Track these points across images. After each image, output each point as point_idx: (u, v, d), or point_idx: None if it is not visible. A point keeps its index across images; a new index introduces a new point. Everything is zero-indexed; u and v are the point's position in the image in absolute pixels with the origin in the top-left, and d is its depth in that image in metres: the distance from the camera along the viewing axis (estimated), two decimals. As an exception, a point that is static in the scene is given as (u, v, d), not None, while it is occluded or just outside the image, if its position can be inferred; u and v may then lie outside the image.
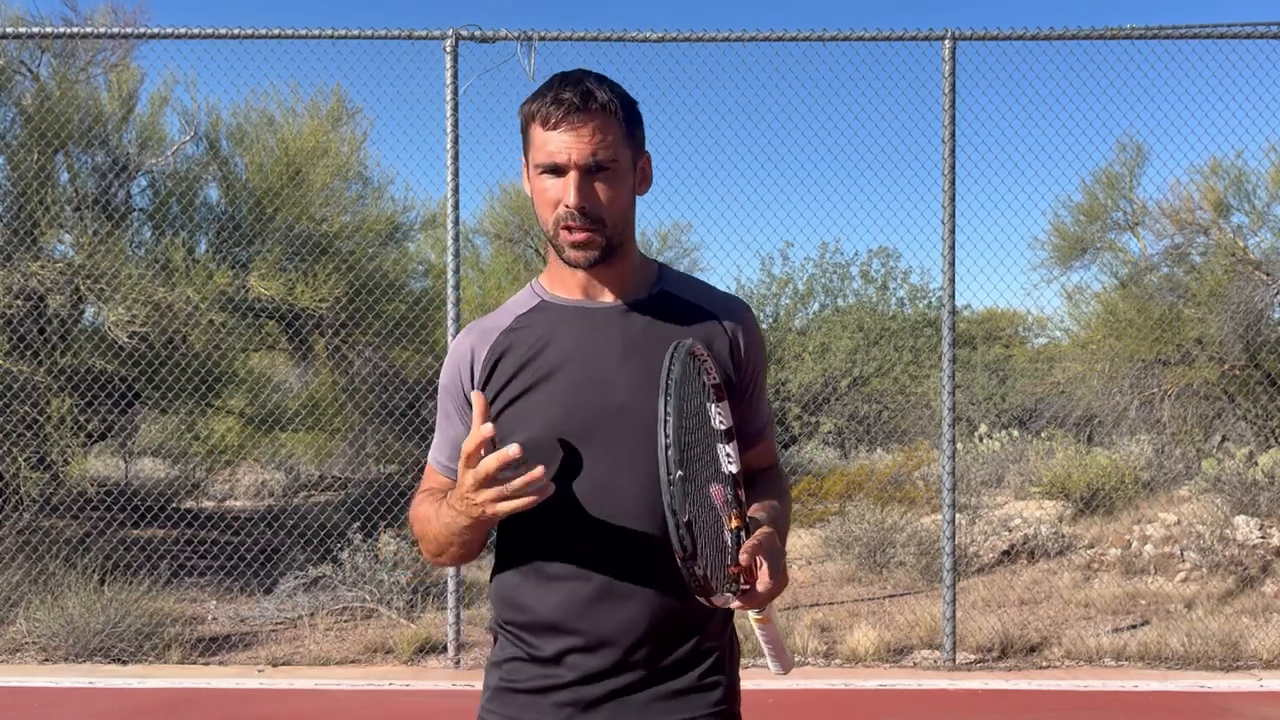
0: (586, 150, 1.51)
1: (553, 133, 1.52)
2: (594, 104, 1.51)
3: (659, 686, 1.57)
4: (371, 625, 6.23)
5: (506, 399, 1.59)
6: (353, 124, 8.24)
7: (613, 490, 1.54)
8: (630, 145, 1.57)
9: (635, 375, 1.57)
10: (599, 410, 1.56)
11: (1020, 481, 10.94)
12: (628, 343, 1.59)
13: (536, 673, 1.59)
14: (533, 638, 1.59)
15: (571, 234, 1.54)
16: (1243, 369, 9.42)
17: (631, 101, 1.59)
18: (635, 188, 1.61)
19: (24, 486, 6.93)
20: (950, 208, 5.53)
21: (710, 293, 1.70)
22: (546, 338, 1.60)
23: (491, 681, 1.65)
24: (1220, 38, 5.70)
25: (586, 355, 1.58)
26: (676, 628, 1.57)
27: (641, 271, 1.67)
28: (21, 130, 7.37)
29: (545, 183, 1.55)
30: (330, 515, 7.98)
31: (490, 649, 1.69)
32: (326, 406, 8.17)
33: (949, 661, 5.45)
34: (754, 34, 5.65)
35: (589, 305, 1.62)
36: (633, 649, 1.55)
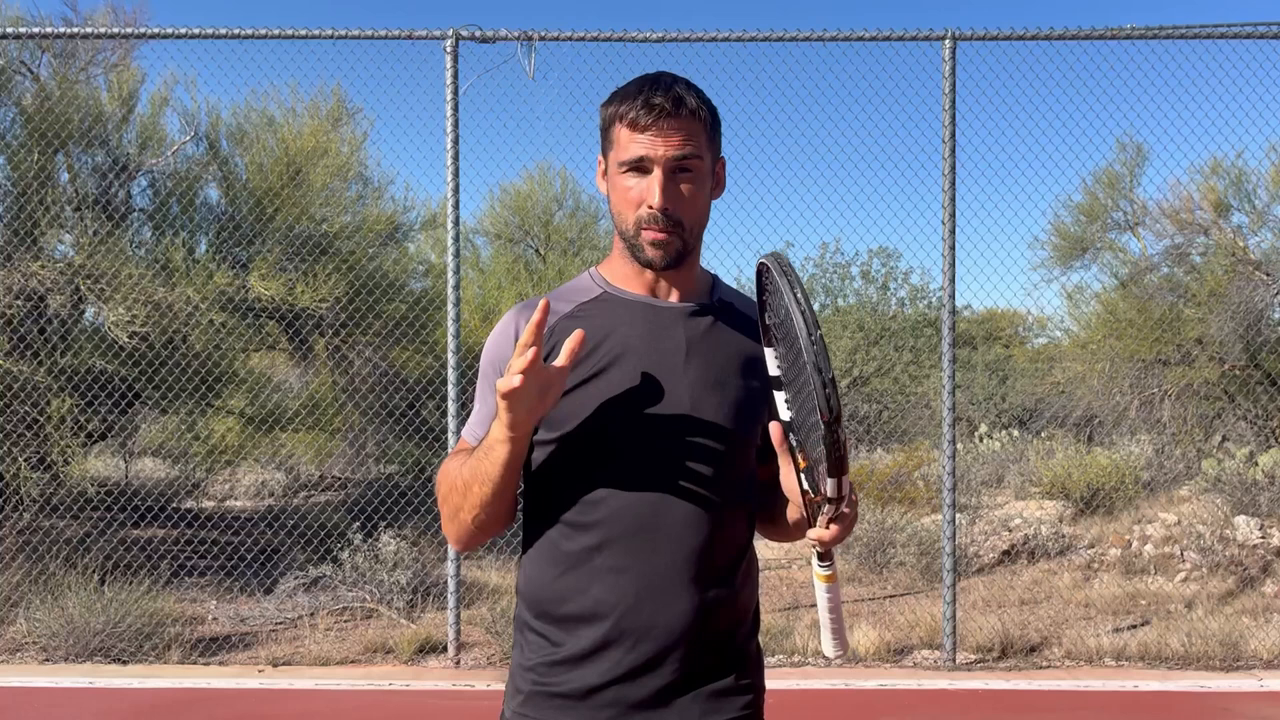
0: (674, 153, 1.53)
1: (642, 135, 1.53)
2: (684, 109, 1.54)
3: (699, 688, 1.57)
4: (371, 625, 6.23)
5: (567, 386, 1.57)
6: (353, 124, 8.26)
7: (668, 485, 1.55)
8: (710, 149, 1.60)
9: (697, 376, 1.59)
10: (662, 406, 1.57)
11: (1020, 481, 10.94)
12: (691, 344, 1.61)
13: (575, 673, 1.56)
14: (568, 634, 1.57)
15: (653, 232, 1.55)
16: (1243, 369, 9.42)
17: (713, 107, 1.61)
18: (712, 192, 1.63)
19: (24, 486, 6.94)
20: (950, 208, 5.53)
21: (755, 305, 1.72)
22: (609, 328, 1.60)
23: (524, 685, 1.60)
24: (1220, 38, 5.70)
25: (651, 351, 1.59)
26: (716, 628, 1.58)
27: (701, 278, 1.70)
28: (22, 130, 7.37)
29: (628, 181, 1.56)
30: (330, 515, 7.98)
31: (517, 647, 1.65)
32: (326, 406, 8.17)
33: (949, 661, 5.45)
34: (754, 34, 5.65)
35: (654, 303, 1.63)
36: (674, 647, 1.55)
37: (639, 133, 1.53)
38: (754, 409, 1.61)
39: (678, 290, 1.64)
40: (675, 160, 1.53)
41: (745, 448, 1.61)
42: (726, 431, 1.58)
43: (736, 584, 1.61)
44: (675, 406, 1.57)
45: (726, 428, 1.58)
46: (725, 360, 1.62)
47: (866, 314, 14.48)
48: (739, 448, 1.60)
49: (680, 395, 1.57)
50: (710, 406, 1.58)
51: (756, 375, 1.62)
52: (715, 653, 1.59)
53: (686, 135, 1.54)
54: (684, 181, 1.55)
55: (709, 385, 1.59)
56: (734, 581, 1.60)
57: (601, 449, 1.56)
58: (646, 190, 1.54)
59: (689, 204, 1.56)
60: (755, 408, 1.61)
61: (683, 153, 1.53)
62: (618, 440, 1.56)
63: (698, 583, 1.55)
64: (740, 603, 1.62)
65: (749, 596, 1.65)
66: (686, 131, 1.54)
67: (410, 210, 9.20)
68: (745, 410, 1.60)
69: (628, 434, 1.56)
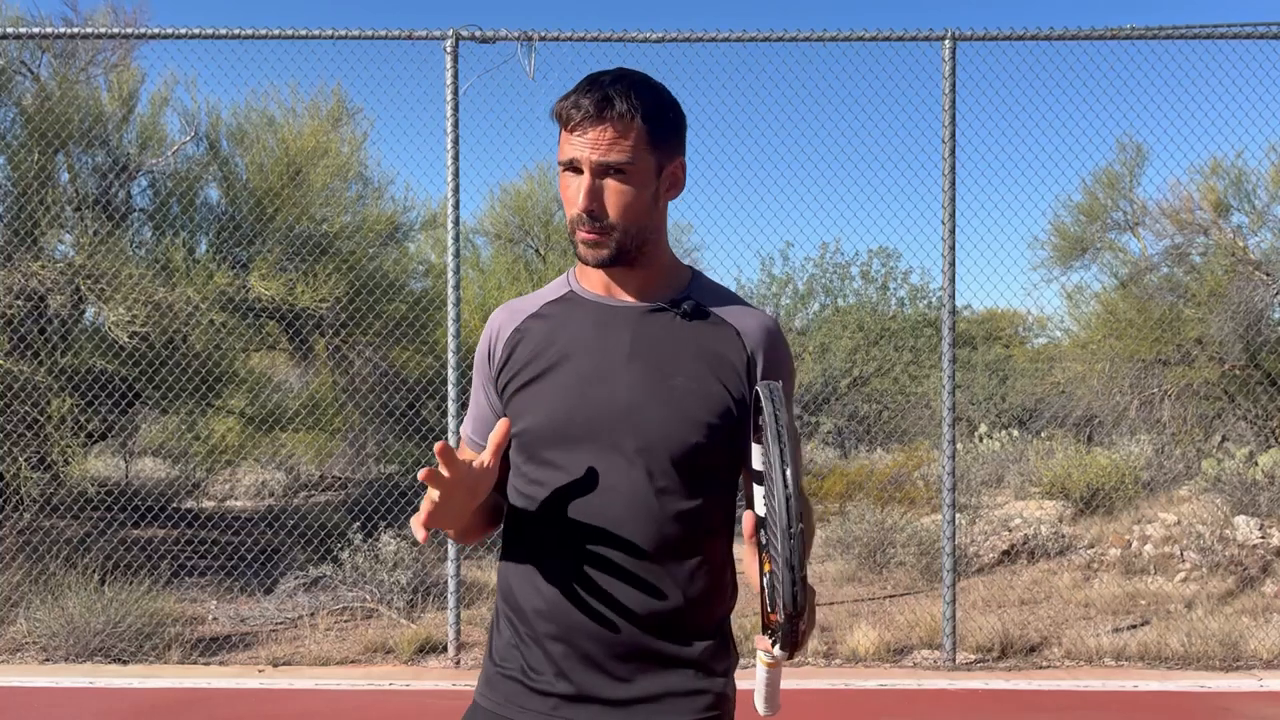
0: (598, 154, 1.52)
1: (572, 134, 1.54)
2: (609, 111, 1.51)
3: (641, 688, 1.56)
4: (372, 625, 6.23)
5: (519, 384, 1.62)
6: (353, 124, 8.26)
7: (605, 487, 1.55)
8: (654, 151, 1.56)
9: (638, 377, 1.57)
10: (599, 407, 1.56)
11: (1020, 481, 10.94)
12: (637, 343, 1.59)
13: (525, 662, 1.60)
14: (524, 623, 1.60)
15: (583, 232, 1.56)
16: (1243, 369, 9.42)
17: (663, 105, 1.58)
18: (660, 193, 1.60)
19: (24, 486, 6.94)
20: (950, 208, 5.53)
21: (738, 305, 1.69)
22: (563, 329, 1.63)
23: (488, 666, 1.67)
24: (1220, 38, 5.70)
25: (594, 351, 1.59)
26: (661, 630, 1.56)
27: (671, 276, 1.67)
28: (22, 130, 7.37)
29: (566, 180, 1.57)
30: (330, 515, 7.98)
31: (489, 631, 1.71)
32: (326, 406, 8.17)
33: (949, 661, 5.45)
34: (754, 34, 5.65)
35: (608, 302, 1.64)
36: (615, 646, 1.55)
37: (571, 133, 1.54)
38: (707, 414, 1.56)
39: (636, 289, 1.63)
40: (601, 164, 1.52)
41: (696, 453, 1.55)
42: (669, 436, 1.54)
43: (688, 589, 1.57)
44: (612, 408, 1.55)
45: (669, 431, 1.55)
46: (676, 362, 1.59)
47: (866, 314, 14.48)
48: (688, 452, 1.55)
49: (618, 396, 1.56)
50: (651, 408, 1.55)
51: (718, 379, 1.59)
52: (665, 655, 1.56)
53: (614, 138, 1.51)
54: (613, 184, 1.54)
55: (652, 386, 1.56)
56: (684, 587, 1.56)
57: (542, 449, 1.58)
58: (576, 191, 1.55)
59: (619, 207, 1.54)
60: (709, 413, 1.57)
61: (608, 159, 1.52)
62: (556, 442, 1.57)
63: (638, 586, 1.54)
64: (695, 609, 1.58)
65: (708, 603, 1.61)
66: (614, 134, 1.51)
67: (410, 210, 9.21)
68: (695, 414, 1.56)
69: (566, 436, 1.56)
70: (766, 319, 1.68)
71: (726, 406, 1.58)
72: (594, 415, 1.56)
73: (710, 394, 1.58)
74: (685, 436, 1.55)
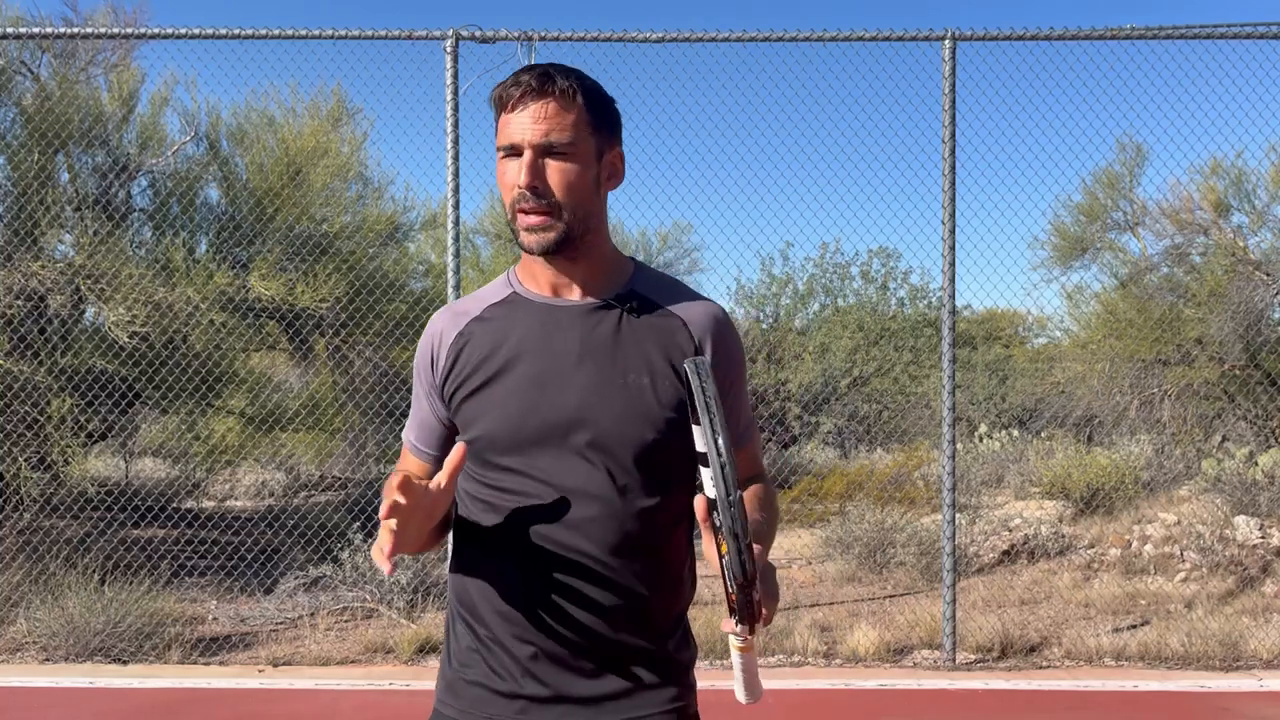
0: (541, 130, 1.50)
1: (512, 114, 1.51)
2: (551, 87, 1.50)
3: (610, 685, 1.56)
4: (372, 625, 6.23)
5: (467, 390, 1.59)
6: (353, 124, 8.25)
7: (562, 489, 1.54)
8: (594, 134, 1.54)
9: (590, 377, 1.56)
10: (551, 411, 1.55)
11: (1020, 481, 10.95)
12: (586, 343, 1.57)
13: (489, 665, 1.58)
14: (483, 626, 1.59)
15: (526, 216, 1.52)
16: (1243, 369, 9.42)
17: (600, 93, 1.56)
18: (601, 180, 1.58)
19: (24, 486, 6.93)
20: (950, 208, 5.53)
21: (683, 295, 1.66)
22: (509, 332, 1.60)
23: (447, 674, 1.64)
24: (1220, 38, 5.70)
25: (544, 354, 1.57)
26: (624, 628, 1.56)
27: (614, 270, 1.64)
28: (22, 130, 7.38)
29: (505, 166, 1.54)
30: (330, 515, 7.98)
31: (445, 635, 1.68)
32: (326, 406, 8.16)
33: (949, 661, 5.45)
34: (754, 34, 5.65)
35: (554, 303, 1.61)
36: (578, 645, 1.54)
37: (510, 113, 1.51)
38: (660, 408, 1.56)
39: (580, 285, 1.61)
40: (544, 142, 1.49)
41: (652, 449, 1.55)
42: (624, 434, 1.54)
43: (648, 586, 1.57)
44: (564, 410, 1.54)
45: (624, 430, 1.54)
46: (627, 360, 1.57)
47: (866, 314, 14.48)
48: (644, 449, 1.55)
49: (569, 399, 1.54)
50: (604, 408, 1.54)
51: (669, 372, 1.57)
52: (627, 652, 1.56)
53: (556, 115, 1.50)
54: (555, 161, 1.51)
55: (604, 386, 1.55)
56: (644, 583, 1.56)
57: (497, 453, 1.56)
58: (517, 172, 1.51)
59: (564, 185, 1.51)
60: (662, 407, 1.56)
61: (550, 137, 1.49)
62: (511, 448, 1.55)
63: (599, 585, 1.53)
64: (655, 606, 1.58)
65: (668, 599, 1.61)
66: (556, 112, 1.50)
67: (410, 210, 9.21)
68: (649, 410, 1.55)
69: (520, 441, 1.55)
70: (714, 307, 1.67)
71: (680, 399, 1.57)
72: (549, 418, 1.54)
73: (663, 388, 1.57)
74: (642, 433, 1.55)
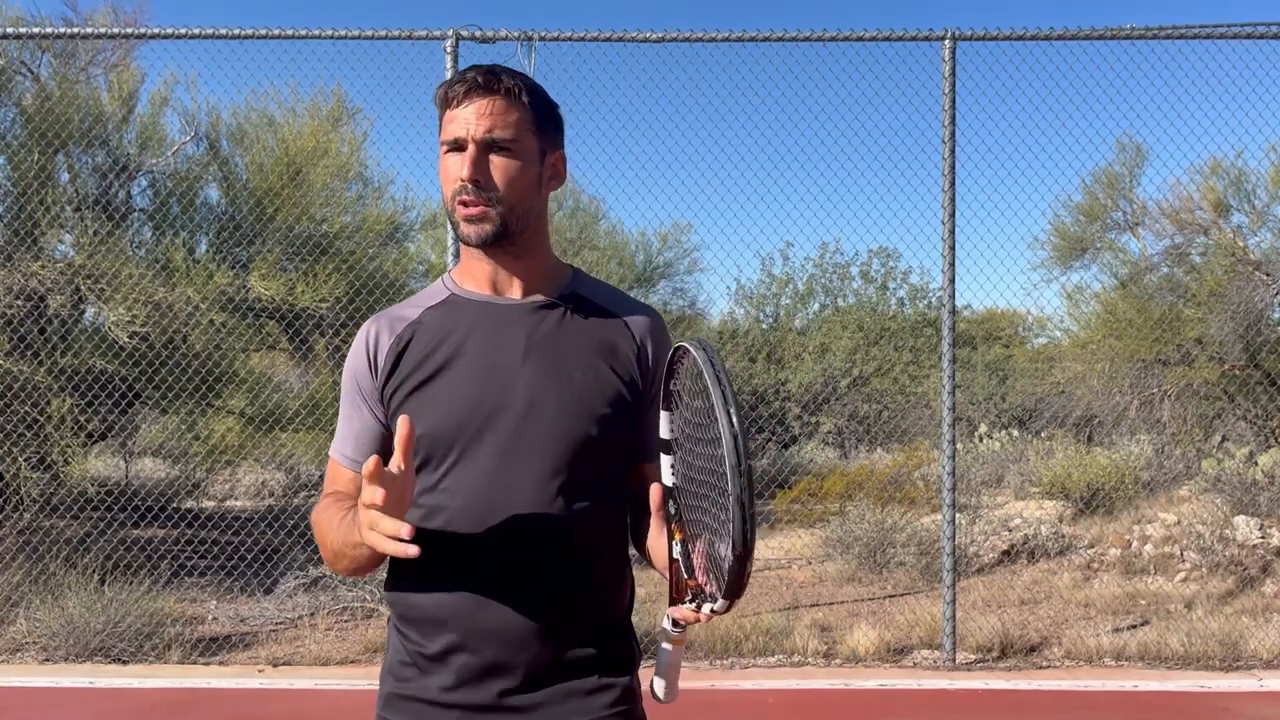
0: (485, 126, 1.51)
1: (457, 110, 1.53)
2: (497, 84, 1.52)
3: (550, 689, 1.54)
4: (371, 625, 6.23)
5: (407, 390, 1.57)
6: (353, 124, 8.25)
7: (506, 486, 1.52)
8: (537, 135, 1.56)
9: (535, 374, 1.56)
10: (497, 405, 1.54)
11: (1020, 481, 10.95)
12: (531, 341, 1.58)
13: (426, 677, 1.56)
14: (421, 636, 1.56)
15: (466, 208, 1.53)
16: (1243, 369, 9.42)
17: (544, 96, 1.59)
18: (543, 179, 1.59)
19: (24, 486, 6.93)
20: (950, 208, 5.53)
21: (623, 299, 1.69)
22: (450, 330, 1.59)
23: (386, 687, 1.61)
24: (1220, 38, 5.70)
25: (489, 350, 1.57)
26: (566, 627, 1.54)
27: (554, 273, 1.66)
28: (22, 130, 7.38)
29: (447, 161, 1.55)
30: (330, 515, 7.97)
31: (385, 648, 1.65)
32: (326, 406, 8.16)
33: (949, 661, 5.45)
34: (754, 34, 5.65)
35: (496, 301, 1.61)
36: (520, 648, 1.52)
37: (454, 109, 1.52)
38: (604, 406, 1.57)
39: (521, 285, 1.61)
40: (487, 138, 1.51)
41: (594, 447, 1.55)
42: (569, 431, 1.54)
43: (590, 585, 1.56)
44: (511, 406, 1.54)
45: (569, 427, 1.54)
46: (571, 357, 1.58)
47: (866, 314, 14.49)
48: (587, 447, 1.55)
49: (517, 394, 1.54)
50: (550, 405, 1.54)
51: (612, 369, 1.59)
52: (568, 655, 1.55)
53: (501, 110, 1.52)
54: (498, 157, 1.52)
55: (550, 383, 1.55)
56: (586, 583, 1.56)
57: (439, 453, 1.55)
58: (459, 165, 1.52)
59: (505, 180, 1.53)
60: (606, 405, 1.57)
61: (493, 134, 1.51)
62: (454, 443, 1.54)
63: (540, 585, 1.52)
64: (597, 604, 1.58)
65: (611, 598, 1.61)
66: (501, 109, 1.52)
67: (410, 210, 9.21)
68: (593, 408, 1.56)
69: (463, 436, 1.54)
70: (652, 312, 1.70)
71: (620, 395, 1.58)
72: (493, 414, 1.54)
73: (606, 385, 1.58)
74: (586, 430, 1.55)
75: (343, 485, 1.64)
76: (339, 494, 1.62)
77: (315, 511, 1.61)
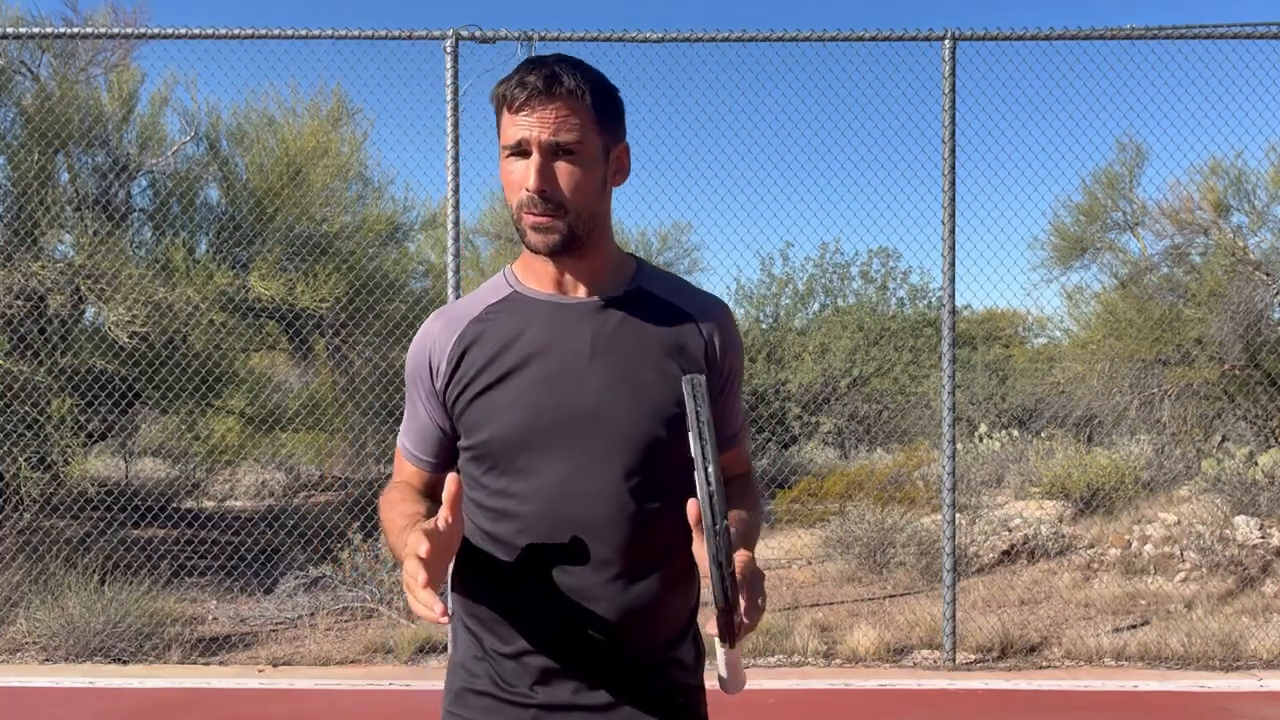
0: (549, 133, 1.47)
1: (517, 115, 1.49)
2: (559, 88, 1.47)
3: (623, 689, 1.55)
4: (372, 625, 6.23)
5: (473, 392, 1.55)
6: (353, 124, 8.25)
7: (577, 492, 1.52)
8: (601, 132, 1.52)
9: (604, 374, 1.54)
10: (567, 409, 1.52)
11: (1020, 481, 10.94)
12: (598, 340, 1.55)
13: (500, 675, 1.56)
14: (493, 635, 1.56)
15: (533, 218, 1.50)
16: (1243, 369, 9.42)
17: (606, 88, 1.54)
18: (608, 178, 1.56)
19: (24, 486, 6.93)
20: (950, 208, 5.53)
21: (689, 291, 1.66)
22: (516, 330, 1.56)
23: (455, 683, 1.61)
24: (1220, 38, 5.69)
25: (556, 352, 1.55)
26: (640, 629, 1.54)
27: (617, 267, 1.62)
28: (22, 130, 7.37)
29: (510, 165, 1.52)
30: (330, 515, 7.98)
31: (451, 644, 1.67)
32: (326, 406, 8.16)
33: (949, 661, 5.45)
34: (754, 34, 5.65)
35: (561, 300, 1.58)
36: (594, 649, 1.53)
37: (516, 114, 1.48)
38: (674, 406, 1.54)
39: (585, 283, 1.58)
40: (551, 142, 1.47)
41: (663, 446, 1.54)
42: (639, 433, 1.53)
43: (662, 587, 1.56)
44: (581, 408, 1.52)
45: (638, 427, 1.53)
46: (639, 357, 1.56)
47: (866, 314, 14.48)
48: (656, 446, 1.53)
49: (586, 396, 1.52)
50: (620, 406, 1.52)
51: (682, 369, 1.56)
52: (640, 656, 1.55)
53: (564, 116, 1.47)
54: (564, 163, 1.49)
55: (618, 383, 1.53)
56: (659, 584, 1.55)
57: (509, 455, 1.53)
58: (524, 173, 1.49)
59: (571, 187, 1.49)
60: (676, 405, 1.54)
61: (558, 137, 1.47)
62: (522, 448, 1.53)
63: (615, 587, 1.52)
64: (669, 606, 1.58)
65: (681, 599, 1.61)
66: (564, 112, 1.47)
67: (410, 210, 9.21)
68: (663, 409, 1.54)
69: (532, 441, 1.52)
70: (717, 302, 1.67)
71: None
72: (564, 417, 1.52)
73: (673, 385, 1.55)
74: (656, 432, 1.53)
75: (406, 476, 1.67)
76: (404, 485, 1.65)
77: (383, 500, 1.63)
